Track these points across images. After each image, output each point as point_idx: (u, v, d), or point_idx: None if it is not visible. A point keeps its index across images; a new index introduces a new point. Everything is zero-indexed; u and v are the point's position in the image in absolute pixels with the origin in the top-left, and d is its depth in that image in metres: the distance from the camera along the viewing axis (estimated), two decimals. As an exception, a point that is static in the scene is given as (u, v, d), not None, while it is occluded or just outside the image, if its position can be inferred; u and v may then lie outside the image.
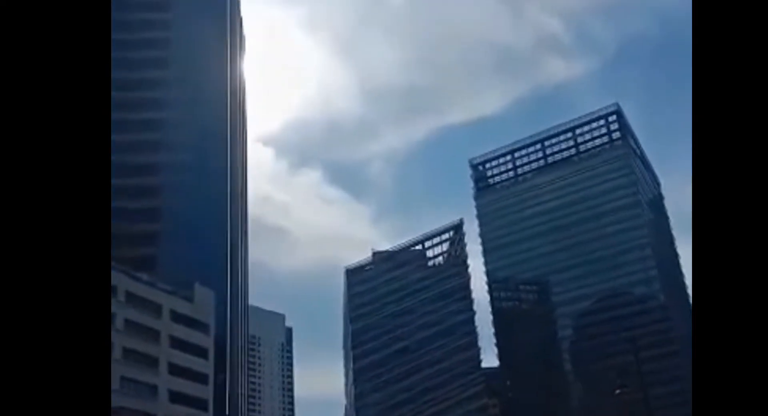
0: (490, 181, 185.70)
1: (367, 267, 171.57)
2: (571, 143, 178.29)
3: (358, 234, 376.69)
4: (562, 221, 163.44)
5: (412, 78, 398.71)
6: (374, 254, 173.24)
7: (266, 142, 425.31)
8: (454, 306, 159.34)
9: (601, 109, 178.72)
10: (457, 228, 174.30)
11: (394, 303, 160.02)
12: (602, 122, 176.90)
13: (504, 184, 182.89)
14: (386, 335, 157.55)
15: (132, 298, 72.33)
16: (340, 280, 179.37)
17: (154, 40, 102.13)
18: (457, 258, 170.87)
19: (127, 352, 70.12)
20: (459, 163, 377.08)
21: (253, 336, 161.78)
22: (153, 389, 72.81)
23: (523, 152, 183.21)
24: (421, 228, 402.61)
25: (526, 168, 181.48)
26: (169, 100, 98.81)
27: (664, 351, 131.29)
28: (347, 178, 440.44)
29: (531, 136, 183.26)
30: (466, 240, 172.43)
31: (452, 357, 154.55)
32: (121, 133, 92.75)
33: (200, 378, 78.89)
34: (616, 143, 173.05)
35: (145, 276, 75.51)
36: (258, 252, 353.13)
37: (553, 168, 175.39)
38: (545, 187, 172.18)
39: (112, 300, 69.64)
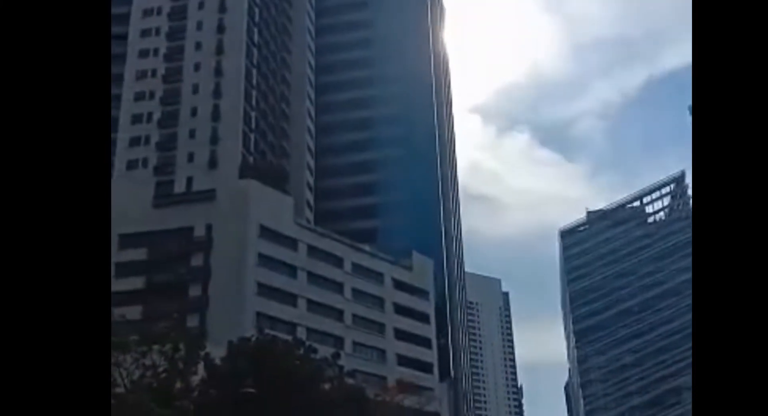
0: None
1: (582, 228, 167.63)
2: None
3: (571, 194, 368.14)
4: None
5: (622, 29, 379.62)
6: (588, 213, 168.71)
7: (473, 109, 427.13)
8: (679, 264, 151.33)
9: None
10: (679, 180, 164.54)
11: (613, 264, 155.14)
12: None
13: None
14: (606, 297, 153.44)
15: (357, 268, 76.90)
16: (555, 243, 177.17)
17: (356, 21, 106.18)
18: (680, 212, 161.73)
19: (357, 319, 74.98)
20: (677, 110, 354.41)
21: (471, 302, 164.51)
22: (382, 353, 77.14)
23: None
24: (639, 183, 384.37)
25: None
26: (374, 78, 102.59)
27: None
28: (558, 138, 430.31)
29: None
30: (689, 193, 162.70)
31: (683, 317, 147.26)
32: (331, 114, 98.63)
33: (424, 342, 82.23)
34: None
35: (367, 248, 79.80)
36: (470, 220, 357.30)
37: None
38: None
39: (340, 272, 74.71)
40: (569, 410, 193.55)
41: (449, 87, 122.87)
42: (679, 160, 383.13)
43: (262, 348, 40.25)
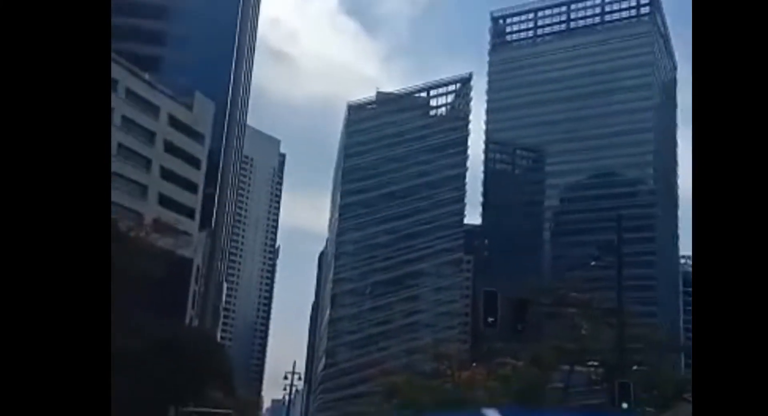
0: (508, 37, 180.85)
1: (370, 106, 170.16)
2: (598, 11, 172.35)
3: (365, 71, 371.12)
4: (570, 92, 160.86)
5: None
6: (378, 94, 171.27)
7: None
8: (449, 160, 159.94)
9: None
10: (466, 81, 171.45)
11: (389, 147, 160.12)
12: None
13: (521, 43, 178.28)
14: (376, 178, 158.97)
15: (131, 96, 71.42)
16: (341, 117, 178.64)
17: None
18: (459, 111, 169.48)
19: (122, 149, 70.12)
20: (480, 15, 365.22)
21: (246, 156, 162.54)
22: (143, 189, 73.54)
23: (547, 12, 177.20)
24: (429, 76, 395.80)
25: (547, 29, 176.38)
26: None
27: (644, 236, 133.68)
28: (364, 11, 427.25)
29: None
30: (472, 95, 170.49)
31: (437, 209, 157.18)
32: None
33: (190, 186, 79.66)
34: (643, 18, 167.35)
35: (146, 76, 74.16)
36: (260, 76, 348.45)
37: (573, 34, 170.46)
38: (561, 53, 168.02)
39: (113, 96, 68.76)
40: (318, 277, 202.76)
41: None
42: (470, 63, 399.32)
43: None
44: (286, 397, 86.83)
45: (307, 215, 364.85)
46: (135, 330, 47.04)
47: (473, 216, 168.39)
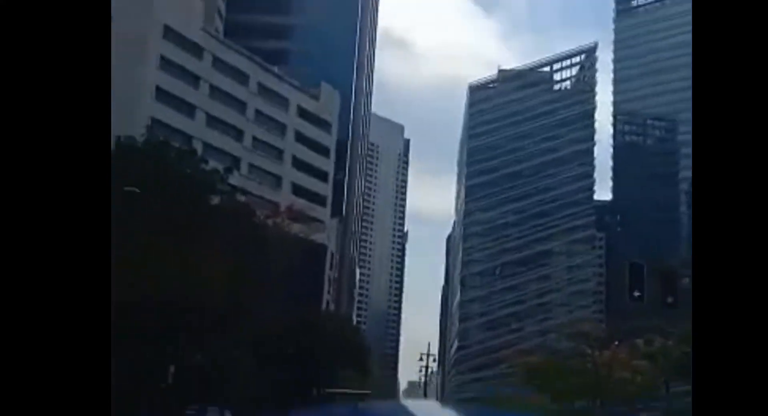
0: (634, 2, 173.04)
1: (491, 85, 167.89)
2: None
3: (485, 52, 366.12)
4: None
5: None
6: (500, 72, 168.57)
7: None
8: (576, 135, 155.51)
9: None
10: (590, 52, 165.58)
11: (514, 125, 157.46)
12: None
13: (647, 7, 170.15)
14: (502, 156, 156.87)
15: (262, 90, 73.94)
16: (463, 99, 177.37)
17: None
18: (585, 84, 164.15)
19: (256, 142, 72.88)
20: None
21: (372, 144, 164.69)
22: (277, 179, 76.13)
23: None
24: (550, 51, 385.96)
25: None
26: None
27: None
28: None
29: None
30: (597, 66, 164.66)
31: (566, 187, 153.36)
32: None
33: (321, 174, 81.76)
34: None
35: (275, 69, 76.51)
36: (382, 63, 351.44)
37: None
38: (690, 16, 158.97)
39: (244, 90, 71.47)
40: (447, 260, 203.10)
41: None
42: (593, 33, 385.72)
43: (151, 148, 37.99)
44: (422, 379, 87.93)
45: (433, 199, 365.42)
46: (276, 315, 49.04)
47: (603, 191, 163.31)
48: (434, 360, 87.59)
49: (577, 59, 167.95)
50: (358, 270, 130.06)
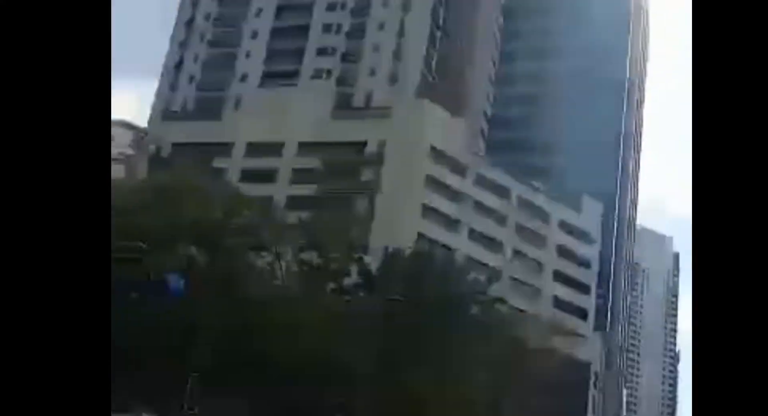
0: None
1: None
2: None
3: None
4: None
5: None
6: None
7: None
8: None
9: None
10: None
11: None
12: None
13: None
14: None
15: (523, 204, 75.06)
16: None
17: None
18: None
19: (516, 254, 73.51)
20: None
21: (637, 263, 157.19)
22: (537, 291, 75.48)
23: None
24: None
25: None
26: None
27: None
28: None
29: None
30: None
31: None
32: (515, 41, 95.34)
33: (582, 288, 79.69)
34: None
35: (536, 184, 77.56)
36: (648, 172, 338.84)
37: None
38: None
39: (506, 204, 73.13)
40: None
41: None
42: None
43: (419, 258, 40.25)
44: None
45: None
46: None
47: None
48: None
49: None
50: (624, 392, 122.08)
